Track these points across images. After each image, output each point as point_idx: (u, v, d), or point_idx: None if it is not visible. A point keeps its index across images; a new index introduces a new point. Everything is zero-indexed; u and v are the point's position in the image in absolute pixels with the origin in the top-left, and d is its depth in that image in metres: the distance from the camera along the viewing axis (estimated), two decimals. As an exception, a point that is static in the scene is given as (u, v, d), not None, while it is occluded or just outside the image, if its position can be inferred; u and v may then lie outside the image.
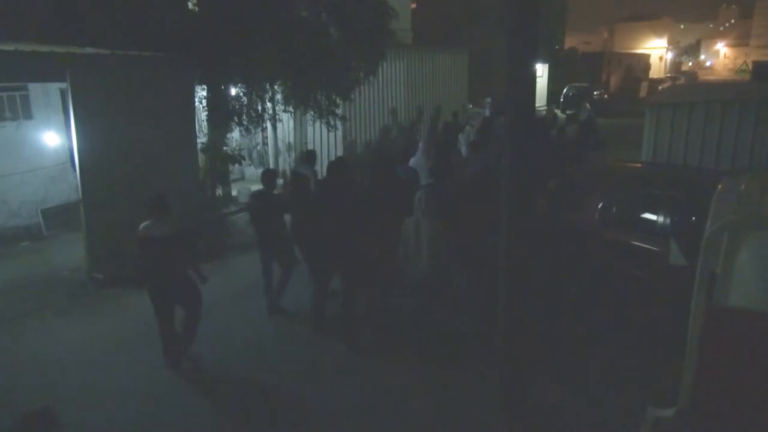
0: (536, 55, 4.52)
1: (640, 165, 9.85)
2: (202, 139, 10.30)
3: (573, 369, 5.88)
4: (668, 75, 40.53)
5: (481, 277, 5.99)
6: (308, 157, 8.64)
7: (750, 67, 29.55)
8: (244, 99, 10.47)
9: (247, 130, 11.06)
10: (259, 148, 13.97)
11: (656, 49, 45.56)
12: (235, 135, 12.07)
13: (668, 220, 6.52)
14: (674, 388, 3.29)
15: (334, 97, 11.06)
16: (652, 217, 6.75)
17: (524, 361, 4.81)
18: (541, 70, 28.51)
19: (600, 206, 7.23)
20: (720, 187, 3.77)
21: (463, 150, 11.13)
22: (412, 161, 8.87)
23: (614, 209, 7.16)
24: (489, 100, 20.65)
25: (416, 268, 5.83)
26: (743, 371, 2.70)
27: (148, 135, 8.22)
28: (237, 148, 12.03)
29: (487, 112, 18.38)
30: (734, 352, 2.75)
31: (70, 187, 10.05)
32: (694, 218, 6.10)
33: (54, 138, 10.27)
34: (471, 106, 19.86)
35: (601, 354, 6.18)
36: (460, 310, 6.38)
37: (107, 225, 7.89)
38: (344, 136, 12.64)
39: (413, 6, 23.76)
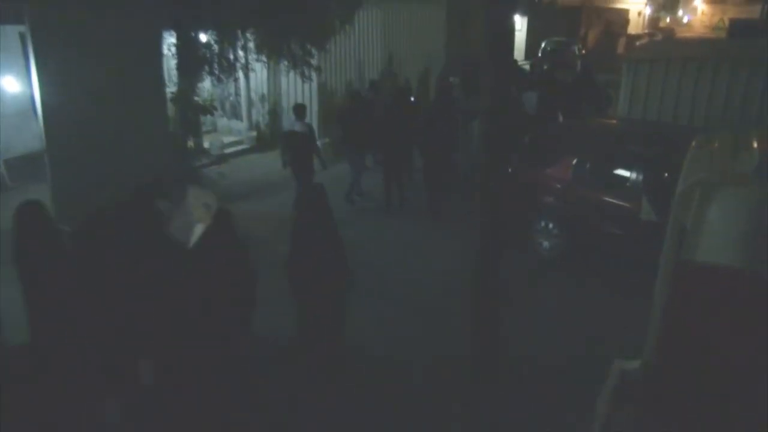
0: (515, 8, 4.41)
1: (615, 121, 9.88)
2: (171, 88, 9.96)
3: (542, 322, 6.01)
4: (646, 31, 40.37)
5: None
6: (372, 87, 11.48)
7: (726, 24, 29.53)
8: (215, 47, 10.09)
9: (219, 79, 10.71)
10: (231, 98, 13.61)
11: (635, 5, 45.20)
12: (206, 85, 11.71)
13: (641, 177, 6.58)
14: (642, 340, 3.37)
15: (308, 46, 10.73)
16: (625, 173, 6.81)
17: (497, 317, 4.88)
18: (520, 24, 28.07)
19: (574, 162, 7.27)
20: (693, 144, 3.77)
21: None
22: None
23: (588, 165, 7.21)
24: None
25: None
26: (709, 326, 2.76)
27: (114, 82, 7.92)
28: (209, 98, 11.68)
29: None
30: (701, 306, 2.80)
31: (34, 137, 9.68)
32: (665, 174, 6.18)
33: (14, 84, 9.83)
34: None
35: (571, 307, 6.32)
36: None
37: (73, 175, 7.67)
38: (319, 89, 12.37)
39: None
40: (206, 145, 11.70)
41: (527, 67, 19.02)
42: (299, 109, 8.82)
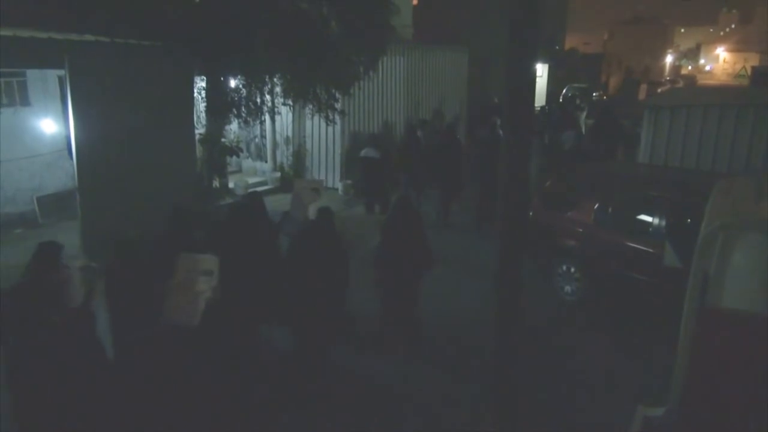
0: (536, 55, 4.49)
1: (637, 166, 9.88)
2: (200, 130, 10.26)
3: (565, 366, 5.91)
4: (667, 78, 40.60)
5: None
6: (419, 123, 12.62)
7: (749, 72, 29.63)
8: (243, 91, 10.42)
9: (246, 122, 11.01)
10: (257, 140, 13.92)
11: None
12: (233, 127, 12.02)
13: (664, 222, 6.54)
14: (665, 387, 3.32)
15: (333, 91, 11.02)
16: (648, 218, 6.78)
17: (516, 358, 4.82)
18: (541, 70, 28.46)
19: (596, 207, 7.26)
20: (715, 189, 3.78)
21: None
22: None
23: (610, 210, 7.19)
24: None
25: None
26: (733, 372, 2.72)
27: (146, 124, 8.20)
28: (235, 140, 11.98)
29: None
30: (725, 352, 2.77)
31: (66, 175, 10.01)
32: (689, 220, 6.14)
33: (51, 125, 10.22)
34: (497, 99, 19.88)
35: (594, 352, 6.21)
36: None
37: (103, 213, 7.87)
38: (342, 132, 12.64)
39: (415, 2, 23.65)
40: (231, 185, 11.93)
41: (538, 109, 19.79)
42: (374, 138, 10.87)
